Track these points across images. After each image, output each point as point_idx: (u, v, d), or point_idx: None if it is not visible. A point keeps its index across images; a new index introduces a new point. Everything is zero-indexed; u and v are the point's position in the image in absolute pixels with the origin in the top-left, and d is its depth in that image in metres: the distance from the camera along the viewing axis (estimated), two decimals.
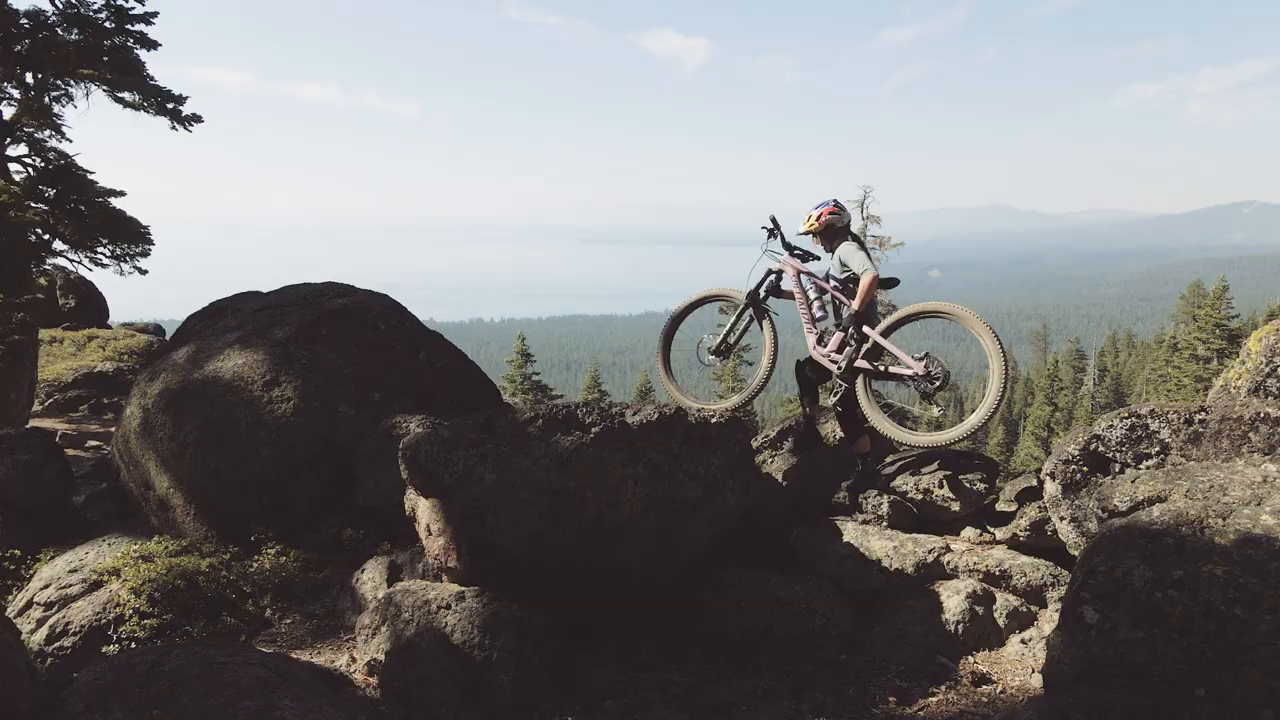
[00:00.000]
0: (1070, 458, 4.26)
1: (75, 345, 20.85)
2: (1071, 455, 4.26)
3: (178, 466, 6.69)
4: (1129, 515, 3.34)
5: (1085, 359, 72.33)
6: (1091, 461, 4.25)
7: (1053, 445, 41.91)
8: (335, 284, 8.19)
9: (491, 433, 4.07)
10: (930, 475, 5.39)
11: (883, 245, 29.59)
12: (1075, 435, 4.34)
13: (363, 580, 5.51)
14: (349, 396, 6.96)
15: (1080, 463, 4.25)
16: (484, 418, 4.17)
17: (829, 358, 6.03)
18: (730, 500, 4.45)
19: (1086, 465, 4.25)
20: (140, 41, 14.71)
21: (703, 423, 4.37)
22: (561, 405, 4.13)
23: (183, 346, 7.47)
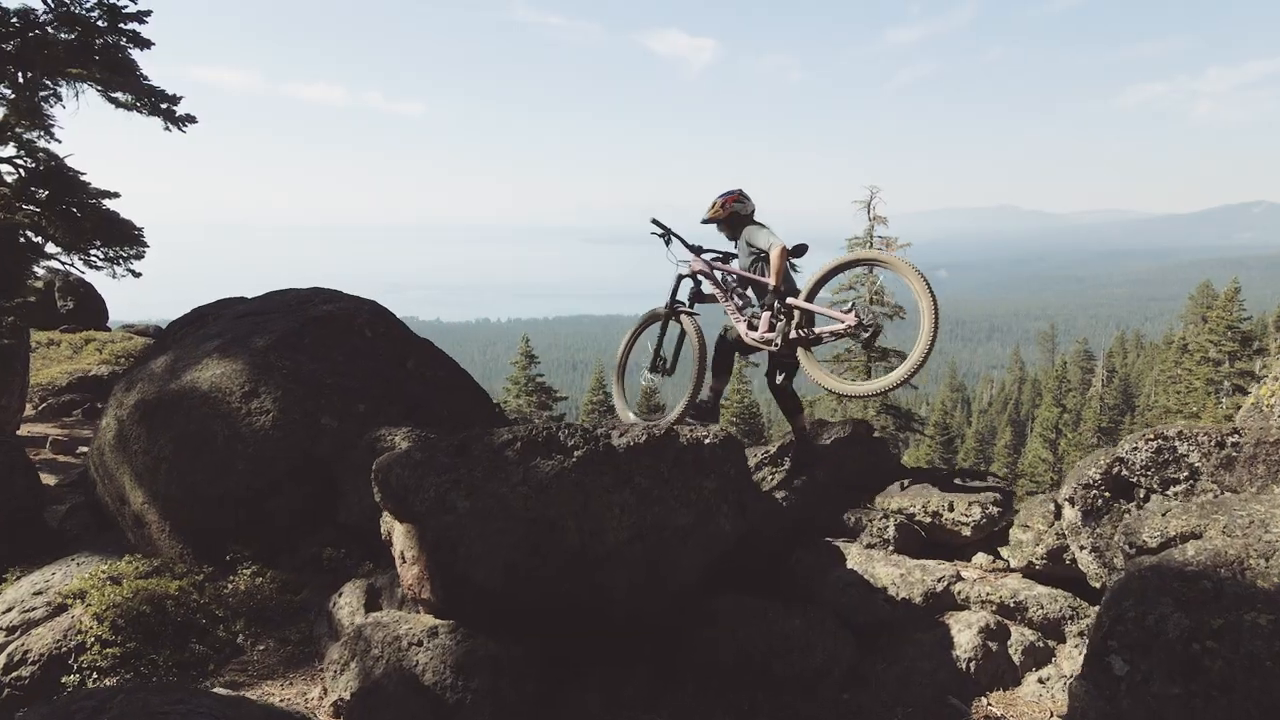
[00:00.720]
0: (1091, 482, 3.95)
1: (72, 348, 20.64)
2: (1092, 479, 3.95)
3: (152, 481, 6.42)
4: (1160, 553, 3.03)
5: (1093, 360, 71.85)
6: (1114, 486, 3.95)
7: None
8: (321, 289, 7.91)
9: (466, 456, 3.77)
10: (940, 497, 5.07)
11: (889, 246, 29.23)
12: (1096, 458, 4.03)
13: (340, 605, 5.22)
14: (332, 408, 6.68)
15: (1102, 487, 3.94)
16: (460, 439, 3.87)
17: (763, 339, 5.89)
18: (725, 526, 4.15)
19: (1108, 490, 3.94)
20: (133, 40, 14.43)
21: (695, 444, 4.07)
22: (541, 427, 3.83)
23: (161, 355, 7.20)
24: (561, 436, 3.82)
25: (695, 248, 6.44)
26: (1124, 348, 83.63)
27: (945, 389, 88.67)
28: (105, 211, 14.85)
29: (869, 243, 29.47)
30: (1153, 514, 3.25)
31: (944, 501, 5.02)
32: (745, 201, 6.26)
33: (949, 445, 54.02)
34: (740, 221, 6.24)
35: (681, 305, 6.43)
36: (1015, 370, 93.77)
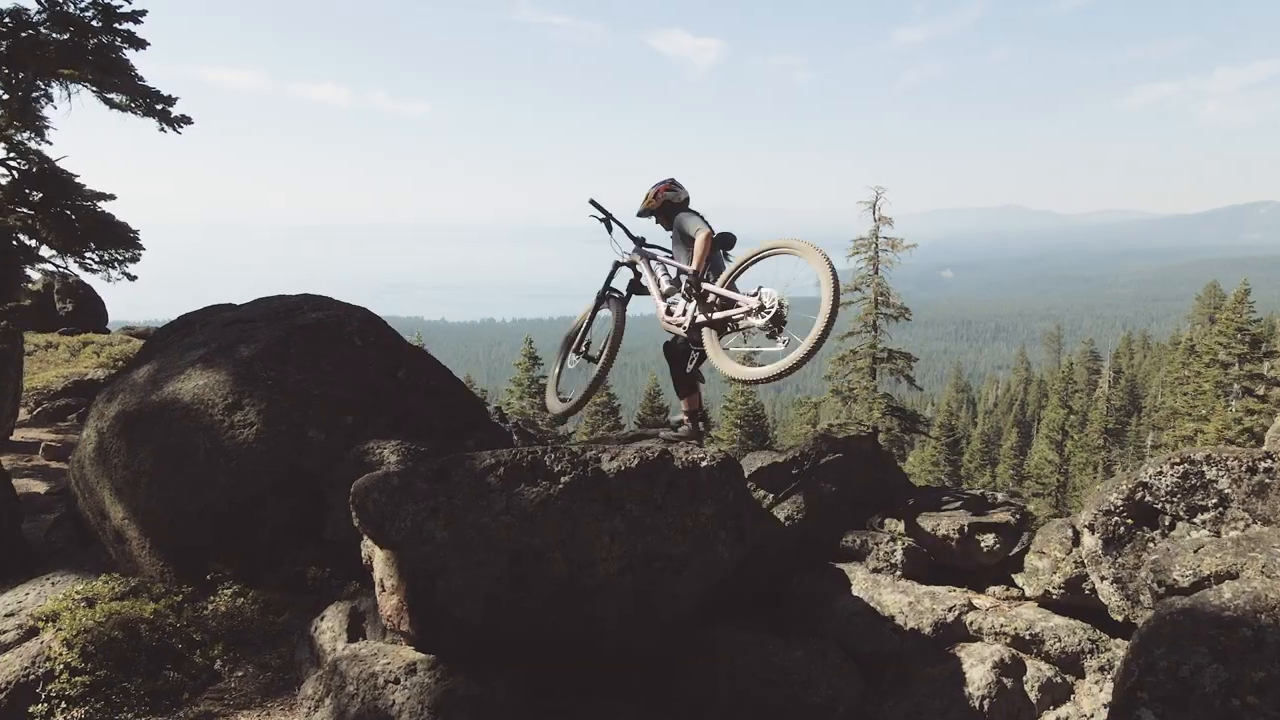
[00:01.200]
0: (1112, 508, 3.71)
1: (70, 351, 20.47)
2: (1114, 505, 3.71)
3: (132, 496, 6.19)
4: (1193, 594, 2.79)
5: (1100, 360, 71.43)
6: (1137, 513, 3.70)
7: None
8: (311, 296, 7.68)
9: (446, 482, 3.54)
10: (950, 519, 4.83)
11: (895, 247, 28.96)
12: (1118, 483, 3.78)
13: (321, 629, 5.00)
14: (319, 420, 6.45)
15: (1124, 514, 3.70)
16: (440, 464, 3.64)
17: (675, 323, 5.97)
18: (722, 554, 3.91)
19: (1131, 517, 3.69)
20: (128, 40, 14.23)
21: (691, 467, 3.84)
22: (527, 451, 3.60)
23: (144, 365, 6.98)
24: (547, 461, 3.59)
25: (637, 238, 6.49)
26: (1130, 348, 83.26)
27: (950, 389, 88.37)
28: (100, 214, 14.65)
29: (874, 244, 29.23)
30: (1184, 550, 3.01)
31: (954, 525, 4.78)
32: (678, 190, 6.35)
33: (954, 447, 53.69)
34: (674, 210, 6.28)
35: (615, 292, 6.48)
36: (1021, 371, 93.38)
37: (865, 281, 29.30)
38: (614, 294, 6.46)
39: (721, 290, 5.55)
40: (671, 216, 6.26)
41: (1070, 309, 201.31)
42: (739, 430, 36.95)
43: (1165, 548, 3.36)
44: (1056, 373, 67.38)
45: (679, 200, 6.32)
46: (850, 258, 29.88)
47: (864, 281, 29.31)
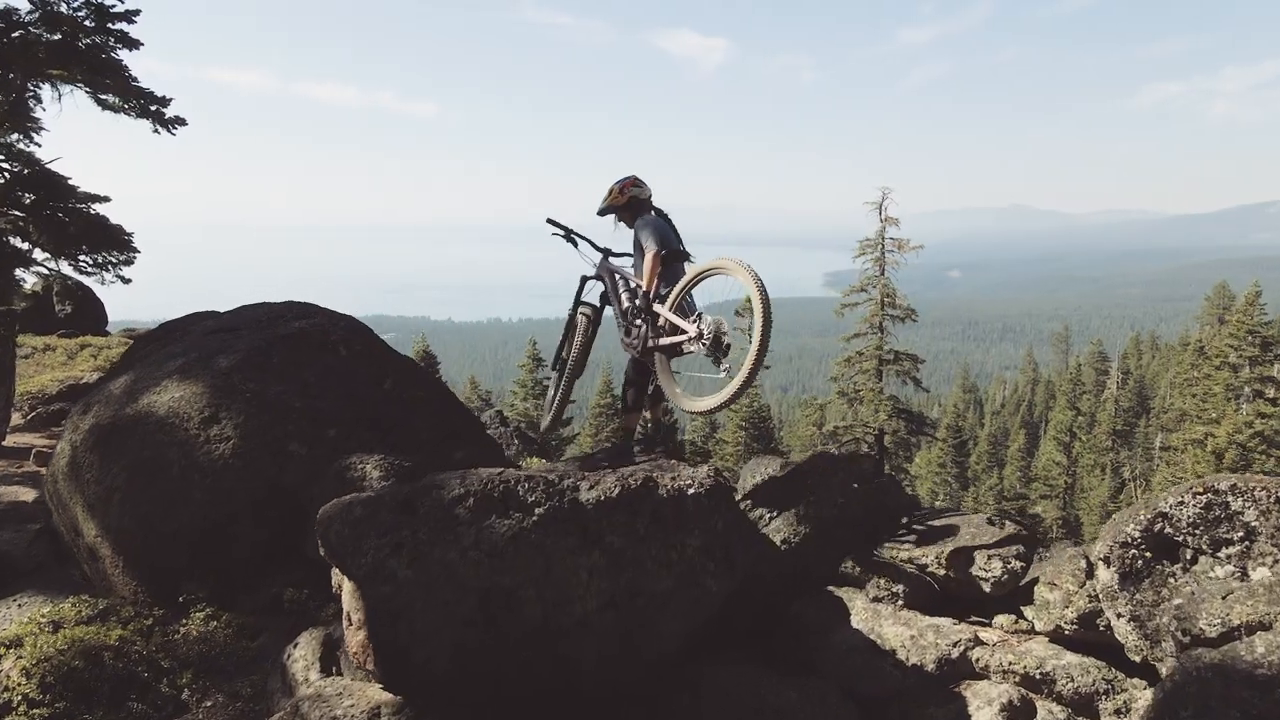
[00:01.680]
0: (1129, 540, 3.45)
1: (67, 354, 20.29)
2: (1131, 537, 3.44)
3: (105, 513, 5.96)
4: (1221, 646, 2.52)
5: (1108, 361, 70.92)
6: (1156, 545, 3.44)
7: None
8: (296, 303, 7.45)
9: (411, 514, 3.30)
10: (955, 546, 4.55)
11: (901, 248, 28.67)
12: (1135, 513, 3.52)
13: (295, 658, 4.75)
14: (300, 433, 6.21)
15: (1142, 547, 3.43)
16: (406, 494, 3.40)
17: (629, 345, 5.73)
18: (711, 587, 3.66)
19: (1150, 550, 3.43)
20: (121, 40, 14.05)
21: (677, 495, 3.58)
22: (499, 480, 3.35)
23: (121, 375, 6.75)
24: (520, 491, 3.34)
25: (604, 250, 6.22)
26: (1139, 349, 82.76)
27: (958, 390, 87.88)
28: (93, 216, 14.48)
29: (880, 245, 28.92)
30: (1210, 596, 2.75)
31: (960, 552, 4.51)
32: (642, 186, 6.14)
33: (961, 448, 53.29)
34: (638, 208, 6.08)
35: (587, 306, 6.30)
36: (1028, 371, 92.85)
37: (871, 283, 29.00)
38: (585, 308, 6.28)
39: (669, 314, 5.30)
40: (635, 216, 6.03)
41: (1078, 309, 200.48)
42: (744, 432, 36.67)
43: (1190, 592, 3.10)
44: (1064, 374, 66.95)
45: (645, 196, 6.10)
46: (856, 259, 29.61)
47: (870, 282, 29.01)
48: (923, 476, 51.73)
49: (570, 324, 6.32)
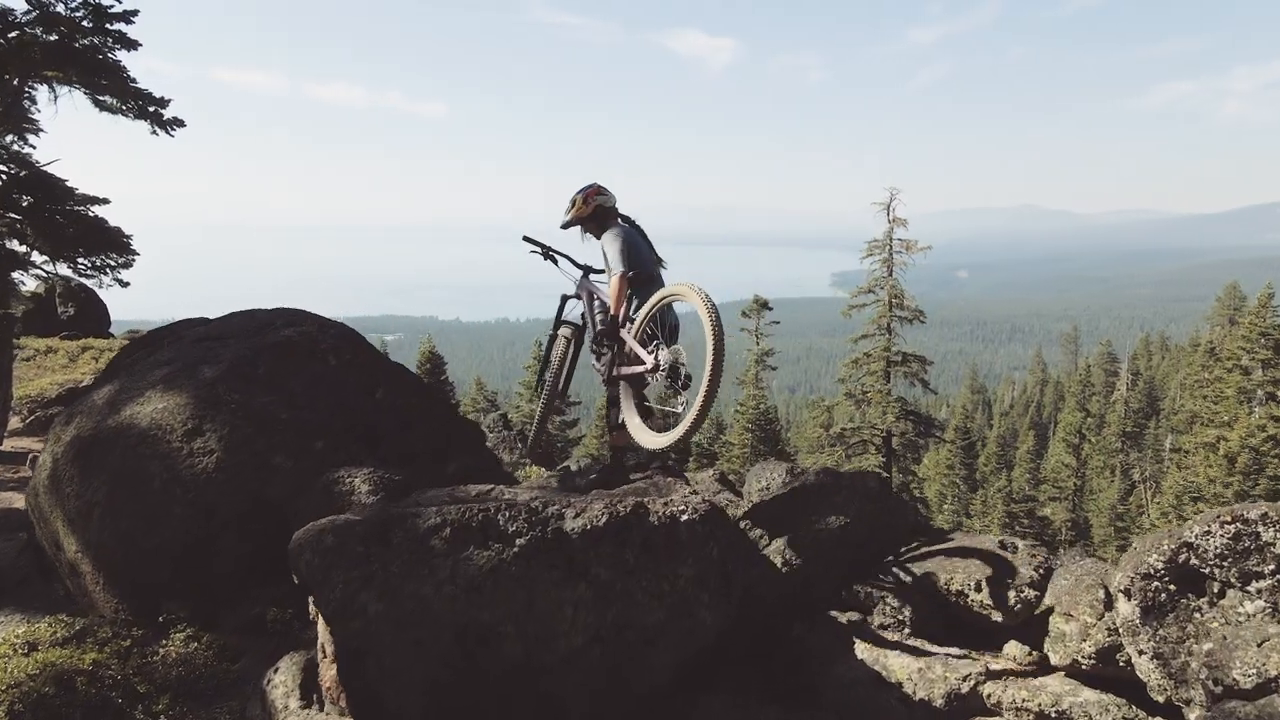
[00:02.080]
0: (1152, 572, 3.22)
1: (68, 356, 20.18)
2: (1154, 569, 3.22)
3: (85, 528, 5.78)
4: (1258, 699, 2.30)
5: (1118, 362, 70.46)
6: (1180, 577, 3.22)
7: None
8: (286, 310, 7.26)
9: (385, 545, 3.10)
10: (965, 571, 4.33)
11: (909, 249, 28.42)
12: (1158, 542, 3.29)
13: (274, 683, 4.55)
14: (286, 445, 6.02)
15: (1165, 579, 3.21)
16: (378, 523, 3.19)
17: (598, 369, 5.52)
18: (705, 619, 3.45)
19: (1173, 582, 3.21)
20: (120, 41, 13.90)
21: (668, 522, 3.37)
22: (478, 508, 3.15)
23: (105, 385, 6.57)
24: (501, 520, 3.14)
25: (584, 267, 5.98)
26: (1149, 350, 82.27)
27: (966, 391, 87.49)
28: (91, 219, 14.33)
29: (888, 246, 28.68)
30: (1245, 643, 2.53)
31: (970, 579, 4.28)
32: (607, 194, 5.77)
33: (969, 450, 52.96)
34: (607, 217, 5.74)
35: (569, 325, 6.09)
36: (1037, 372, 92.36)
37: (879, 284, 28.74)
38: (566, 328, 6.06)
39: (633, 342, 5.01)
40: (604, 223, 5.70)
41: (1087, 309, 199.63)
42: (750, 434, 36.42)
43: (1222, 635, 2.88)
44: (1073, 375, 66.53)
45: (609, 205, 5.73)
46: (863, 259, 29.38)
47: (878, 284, 28.75)
48: (931, 478, 51.42)
49: (550, 345, 6.11)
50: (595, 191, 5.71)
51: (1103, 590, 3.70)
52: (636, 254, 5.49)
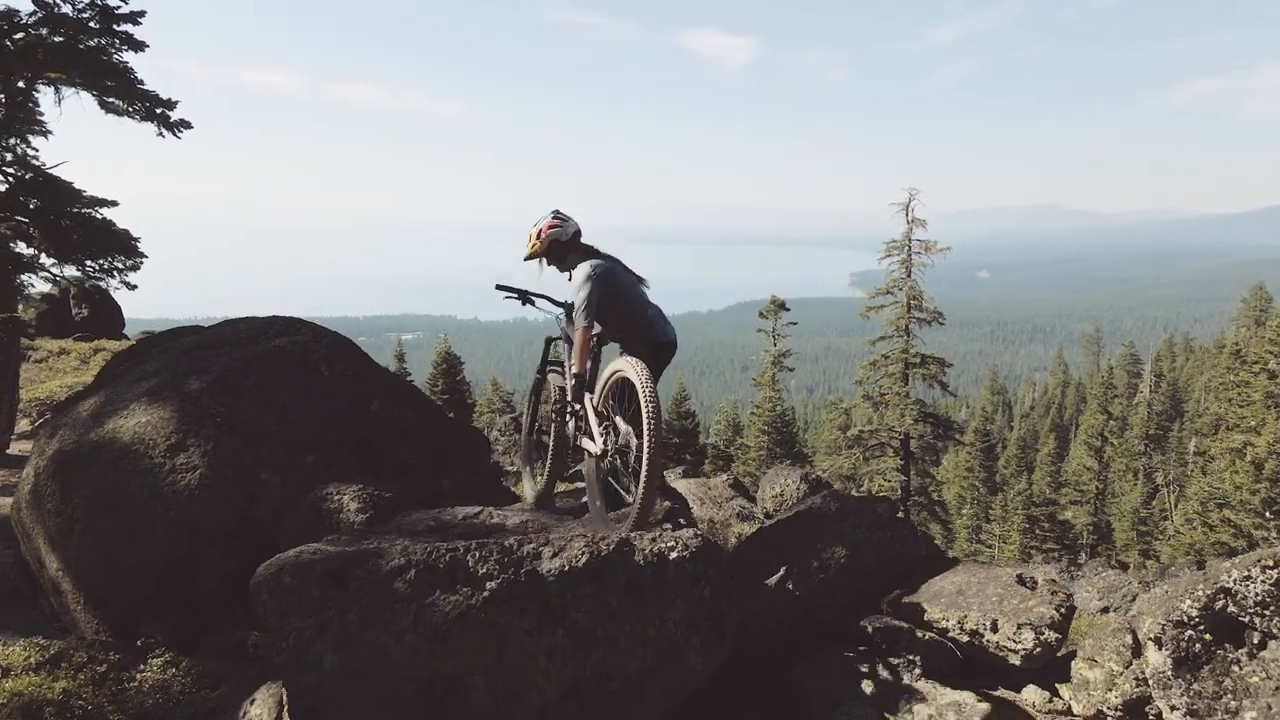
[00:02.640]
0: (1186, 619, 2.94)
1: (80, 358, 20.09)
2: (1188, 616, 2.94)
3: (65, 546, 5.59)
4: None
5: (1140, 364, 69.55)
6: (1217, 626, 2.93)
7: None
8: (279, 318, 7.04)
9: (343, 589, 2.86)
10: (980, 608, 4.04)
11: (928, 250, 28.02)
12: (1193, 586, 3.01)
13: (250, 716, 4.35)
14: (274, 460, 5.80)
15: (1200, 627, 2.93)
16: (338, 564, 2.95)
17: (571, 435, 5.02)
18: (695, 665, 3.19)
19: (1209, 632, 2.92)
20: (126, 42, 13.80)
21: (656, 561, 3.11)
22: (446, 549, 2.90)
23: (91, 396, 6.38)
24: (470, 562, 2.89)
25: (567, 305, 5.41)
26: (1172, 351, 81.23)
27: (986, 392, 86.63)
28: (98, 222, 14.25)
29: (907, 246, 28.28)
30: None
31: (985, 617, 3.99)
32: (565, 224, 5.19)
33: (989, 452, 52.39)
34: (569, 249, 5.17)
35: (557, 366, 5.64)
36: (1059, 373, 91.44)
37: (897, 285, 28.34)
38: (556, 367, 5.65)
39: (591, 414, 4.53)
40: (564, 257, 5.15)
41: (1110, 310, 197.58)
42: (766, 437, 36.08)
43: (1266, 704, 2.59)
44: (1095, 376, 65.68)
45: (567, 236, 5.15)
46: (882, 260, 29.00)
47: (896, 285, 28.35)
48: (950, 481, 50.90)
49: (536, 389, 5.74)
50: (549, 225, 5.18)
51: (1130, 635, 3.40)
52: (609, 300, 4.92)
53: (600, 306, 4.85)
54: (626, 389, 3.97)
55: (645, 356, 4.62)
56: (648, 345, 4.87)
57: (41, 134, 14.67)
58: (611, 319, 5.01)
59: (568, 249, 5.15)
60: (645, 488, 3.60)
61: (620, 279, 5.01)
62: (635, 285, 5.11)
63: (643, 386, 3.77)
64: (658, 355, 4.87)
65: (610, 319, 5.01)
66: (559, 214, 5.24)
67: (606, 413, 4.32)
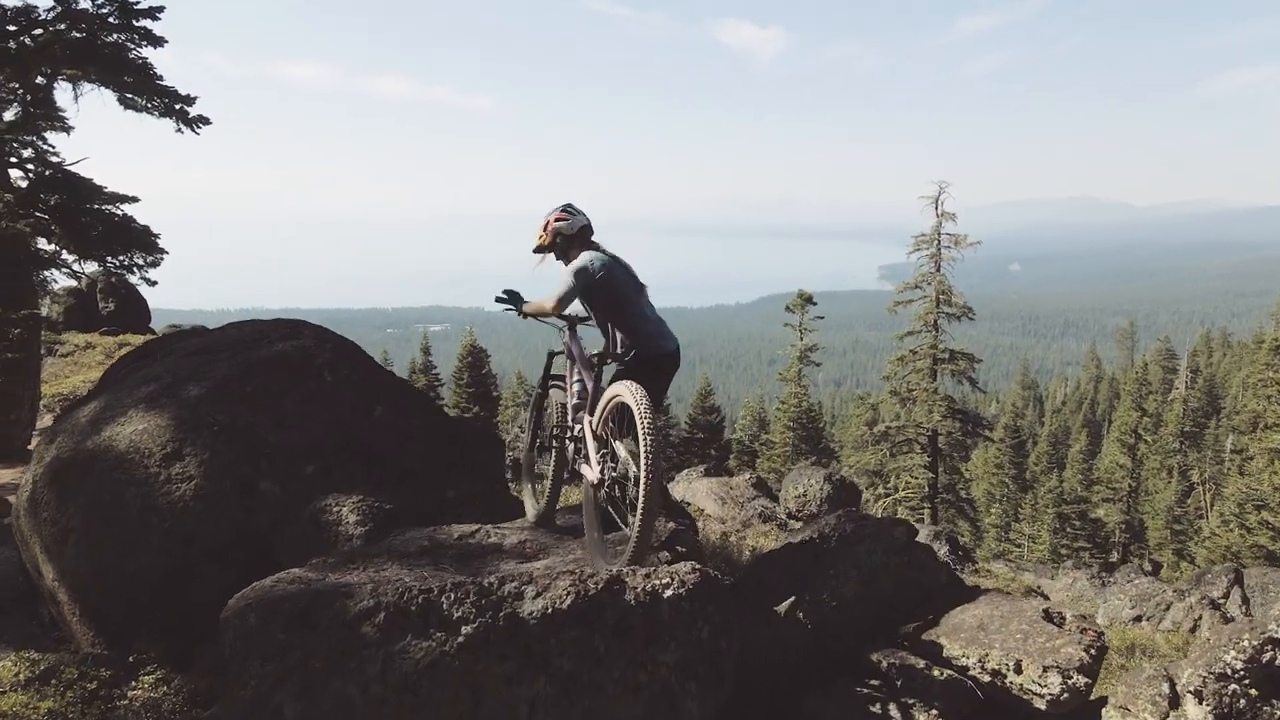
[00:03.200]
0: (1229, 672, 2.68)
1: (105, 353, 20.22)
2: (1232, 669, 2.67)
3: (60, 556, 5.47)
4: None
5: (1176, 359, 68.23)
6: (1263, 680, 2.66)
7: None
8: (284, 321, 6.89)
9: (309, 630, 2.66)
10: (1003, 646, 3.78)
11: (958, 244, 27.54)
12: (1237, 637, 2.74)
13: None
14: (274, 470, 5.65)
15: (1245, 681, 2.65)
16: (304, 604, 2.75)
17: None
18: (691, 709, 2.96)
19: (1254, 685, 2.66)
20: (146, 38, 13.74)
21: (648, 600, 2.88)
22: (419, 590, 2.70)
23: (92, 401, 6.26)
24: (445, 604, 2.68)
25: (569, 318, 4.98)
26: (1209, 346, 79.64)
27: (1017, 387, 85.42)
28: (118, 218, 14.22)
29: (936, 240, 27.79)
30: None
31: (1008, 657, 3.73)
32: (573, 218, 4.91)
33: (1019, 449, 51.59)
34: (568, 245, 4.91)
35: (559, 381, 5.21)
36: (1091, 368, 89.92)
37: (926, 279, 27.86)
38: (558, 383, 5.28)
39: (590, 439, 4.24)
40: (566, 253, 4.88)
41: (1145, 304, 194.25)
42: (792, 433, 35.69)
43: None
44: (1130, 371, 64.55)
45: (572, 232, 4.88)
46: (910, 254, 28.54)
47: (925, 279, 27.87)
48: (979, 477, 50.21)
49: (537, 404, 5.38)
50: (556, 218, 4.93)
51: (1167, 684, 3.12)
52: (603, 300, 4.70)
53: (597, 306, 4.70)
54: (626, 414, 3.71)
55: (644, 369, 4.41)
56: (645, 356, 4.60)
57: (63, 130, 14.65)
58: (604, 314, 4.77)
59: (572, 243, 4.90)
60: (643, 522, 3.37)
61: (616, 280, 4.72)
62: (635, 290, 4.80)
63: (641, 414, 3.52)
64: (658, 367, 4.60)
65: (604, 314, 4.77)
66: (569, 207, 4.98)
67: (605, 437, 4.06)
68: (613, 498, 3.77)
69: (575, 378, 4.67)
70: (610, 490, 3.79)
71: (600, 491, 3.90)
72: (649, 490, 3.33)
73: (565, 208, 4.94)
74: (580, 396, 4.48)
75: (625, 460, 3.72)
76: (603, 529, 3.92)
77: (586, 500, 4.13)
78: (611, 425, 3.96)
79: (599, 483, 3.92)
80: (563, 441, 4.59)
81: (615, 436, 3.91)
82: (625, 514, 3.55)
